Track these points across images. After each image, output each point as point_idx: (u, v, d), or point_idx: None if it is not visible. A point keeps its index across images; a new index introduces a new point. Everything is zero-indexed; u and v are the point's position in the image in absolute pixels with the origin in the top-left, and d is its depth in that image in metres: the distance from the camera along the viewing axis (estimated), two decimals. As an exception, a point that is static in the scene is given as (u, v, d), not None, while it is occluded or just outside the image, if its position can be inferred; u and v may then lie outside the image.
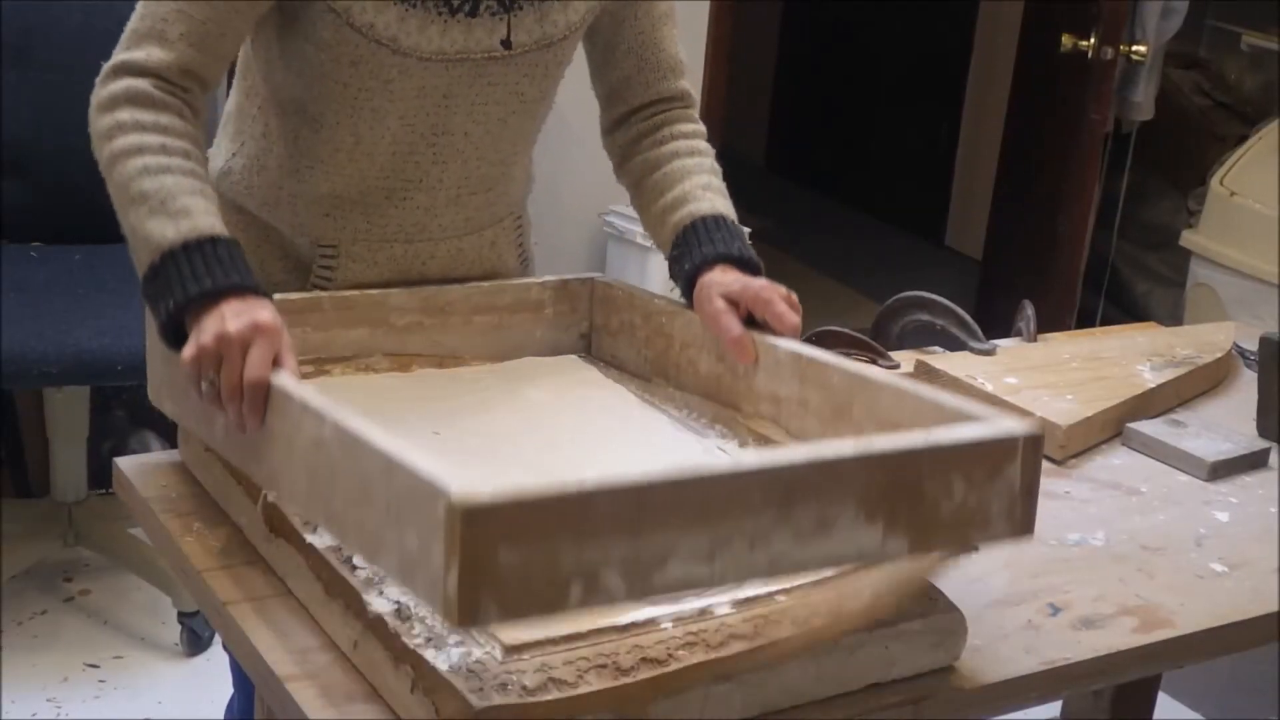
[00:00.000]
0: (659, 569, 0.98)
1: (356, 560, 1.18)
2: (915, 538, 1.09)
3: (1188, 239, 3.93)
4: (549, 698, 1.05)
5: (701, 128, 1.70)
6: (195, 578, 1.29)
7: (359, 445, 1.05)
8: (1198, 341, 2.04)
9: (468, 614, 0.93)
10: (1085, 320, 4.19)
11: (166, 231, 1.31)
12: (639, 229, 3.63)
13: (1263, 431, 1.80)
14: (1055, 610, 1.37)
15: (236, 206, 1.62)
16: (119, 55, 1.42)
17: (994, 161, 4.46)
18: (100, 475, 2.91)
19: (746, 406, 1.47)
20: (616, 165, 1.71)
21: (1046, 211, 3.92)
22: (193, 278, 1.28)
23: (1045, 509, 1.56)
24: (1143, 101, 4.19)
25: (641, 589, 0.98)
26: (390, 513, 1.01)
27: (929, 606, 1.23)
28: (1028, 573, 1.43)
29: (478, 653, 1.07)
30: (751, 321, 1.47)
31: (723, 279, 1.50)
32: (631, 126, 1.68)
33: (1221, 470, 1.69)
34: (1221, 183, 3.87)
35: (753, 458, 1.04)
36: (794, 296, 1.49)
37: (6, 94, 2.81)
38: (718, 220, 1.57)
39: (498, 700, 1.03)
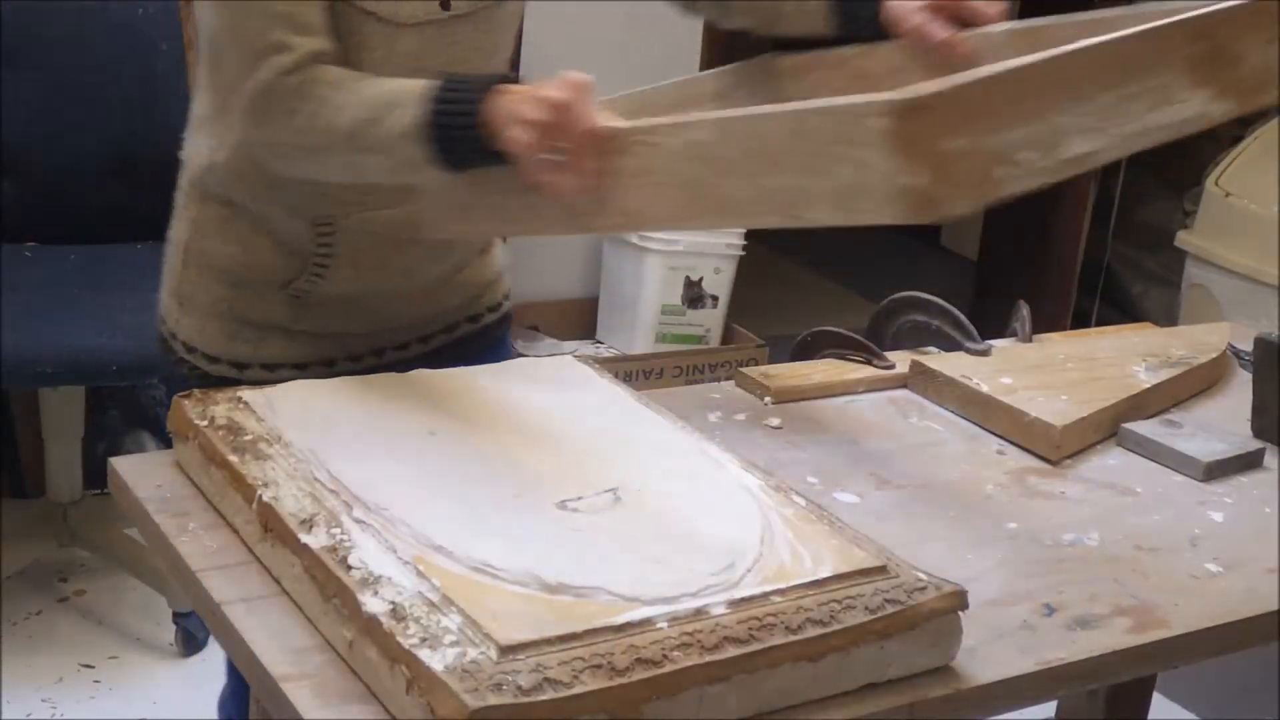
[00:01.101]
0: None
1: (351, 560, 1.18)
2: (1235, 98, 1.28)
3: (1183, 239, 3.93)
4: (544, 698, 1.05)
5: None
6: (190, 578, 1.29)
7: (750, 122, 1.21)
8: (1193, 342, 2.04)
9: (927, 206, 1.11)
10: (1081, 321, 4.20)
11: (404, 117, 1.38)
12: (634, 231, 3.64)
13: (1258, 432, 1.81)
14: (1050, 610, 1.37)
15: (224, 200, 1.62)
16: (276, 58, 1.44)
17: (990, 162, 4.46)
18: (95, 475, 2.90)
19: None
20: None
21: (1042, 212, 3.92)
22: (464, 100, 1.36)
23: (1040, 509, 1.57)
24: (1138, 102, 4.18)
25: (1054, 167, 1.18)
26: (813, 158, 1.16)
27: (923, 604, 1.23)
28: (1023, 573, 1.43)
29: (473, 653, 1.07)
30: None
31: (904, 5, 1.55)
32: None
33: (1216, 471, 1.69)
34: (1217, 183, 3.87)
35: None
36: None
37: (2, 94, 2.80)
38: None
39: (493, 700, 1.03)
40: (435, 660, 1.07)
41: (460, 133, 1.37)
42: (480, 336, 1.79)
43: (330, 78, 1.44)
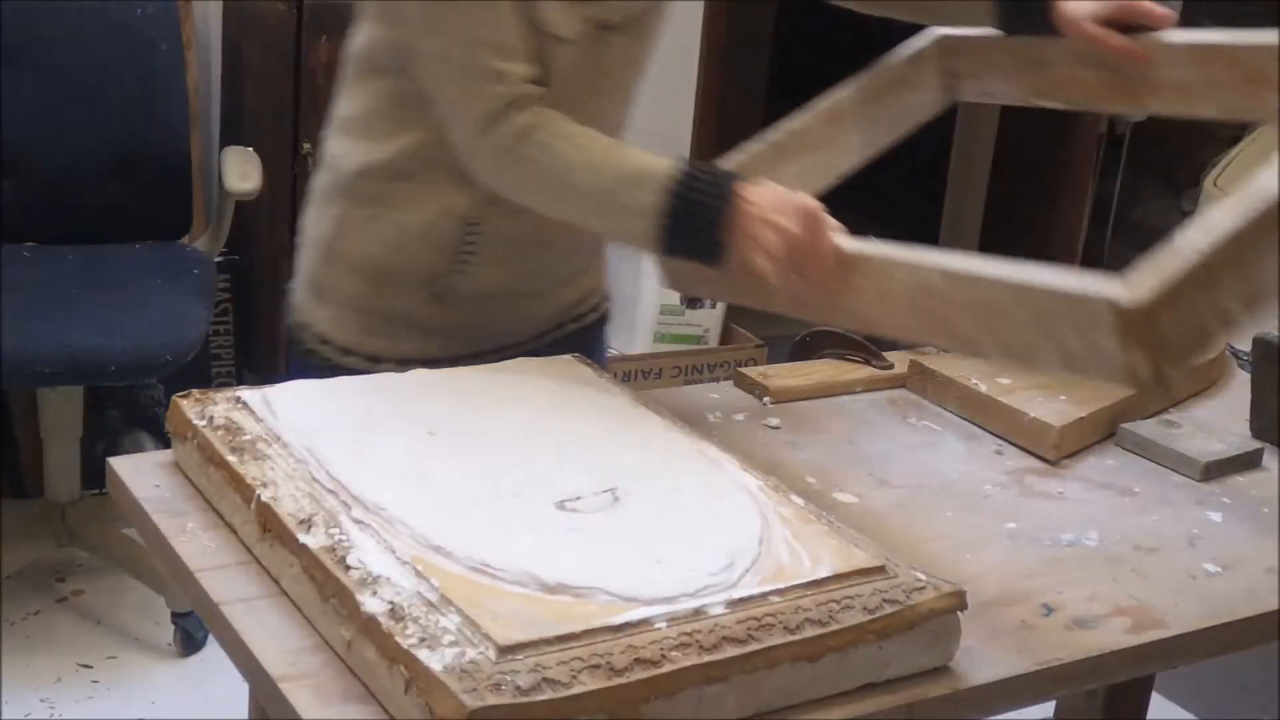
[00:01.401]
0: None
1: (350, 560, 1.18)
2: None
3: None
4: (543, 698, 1.05)
5: None
6: (188, 578, 1.29)
7: (979, 281, 1.34)
8: (1191, 342, 2.03)
9: (1154, 382, 1.24)
10: (1079, 321, 4.19)
11: (647, 198, 1.47)
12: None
13: (1256, 432, 1.81)
14: (1049, 610, 1.37)
15: (373, 200, 1.65)
16: (499, 88, 1.50)
17: (988, 161, 4.46)
18: (93, 475, 2.90)
19: (1151, 102, 1.65)
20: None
21: (1040, 212, 3.92)
22: (706, 200, 1.46)
23: (1038, 509, 1.57)
24: (1137, 102, 4.18)
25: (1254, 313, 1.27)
26: (1037, 321, 1.30)
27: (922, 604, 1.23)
28: (1021, 573, 1.43)
29: (471, 653, 1.07)
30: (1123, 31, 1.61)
31: (1078, 6, 1.63)
32: None
33: (1215, 471, 1.69)
34: (1215, 184, 3.87)
35: None
36: None
37: (2, 94, 2.80)
38: None
39: (492, 700, 1.03)
40: (434, 660, 1.07)
41: (695, 232, 1.47)
42: (581, 334, 1.82)
43: (561, 130, 1.51)
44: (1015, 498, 1.60)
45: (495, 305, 1.70)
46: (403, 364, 1.63)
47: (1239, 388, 1.94)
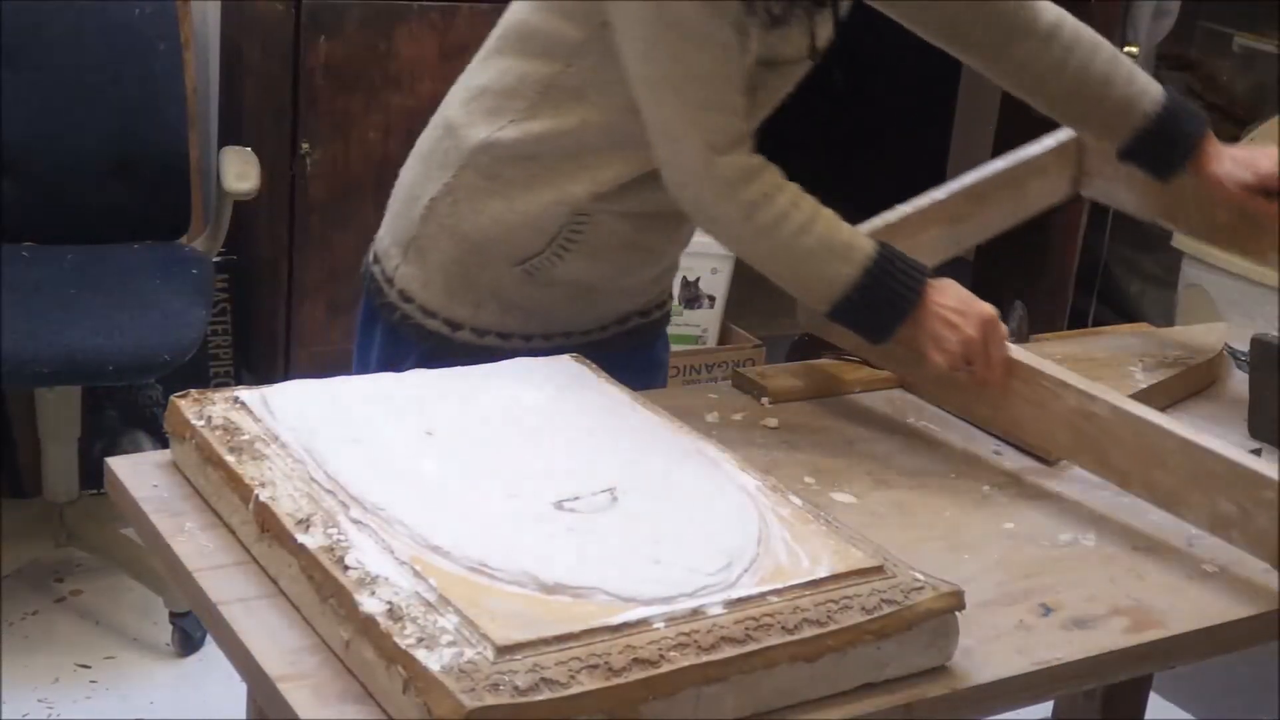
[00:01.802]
0: None
1: (348, 560, 1.18)
2: None
3: (1180, 240, 3.93)
4: (541, 698, 1.05)
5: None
6: (187, 578, 1.29)
7: (1147, 425, 1.49)
8: (1189, 342, 2.04)
9: None
10: (1077, 321, 4.20)
11: (842, 269, 1.57)
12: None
13: (1254, 432, 1.81)
14: (1047, 611, 1.37)
15: (490, 175, 1.67)
16: (707, 135, 1.56)
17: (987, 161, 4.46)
18: (92, 475, 2.90)
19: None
20: (990, 63, 1.85)
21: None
22: (898, 288, 1.58)
23: (1036, 509, 1.57)
24: (1135, 103, 4.18)
25: None
26: (1195, 479, 1.45)
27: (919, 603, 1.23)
28: (1019, 573, 1.43)
29: (469, 653, 1.07)
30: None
31: (1228, 162, 1.80)
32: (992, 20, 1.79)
33: (1213, 471, 1.69)
34: (1213, 184, 3.87)
35: None
36: None
37: (1, 94, 2.80)
38: (1170, 94, 1.82)
39: (490, 700, 1.03)
40: (432, 660, 1.07)
41: (876, 314, 1.60)
42: (645, 329, 1.87)
43: (779, 182, 1.60)
44: (1013, 498, 1.60)
45: (579, 294, 1.74)
46: (481, 333, 1.70)
47: (1237, 388, 1.94)
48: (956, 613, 1.24)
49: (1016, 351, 1.60)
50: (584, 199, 1.66)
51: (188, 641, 2.75)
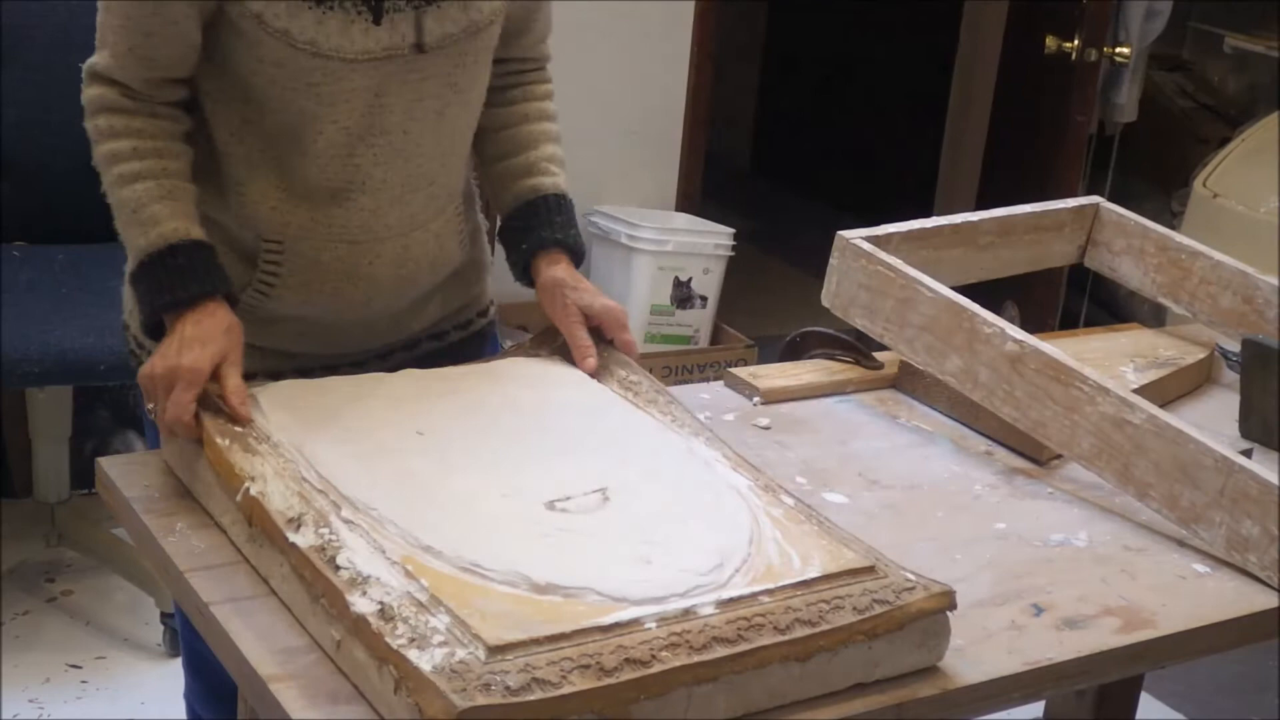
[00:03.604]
0: None
1: (339, 560, 1.18)
2: None
3: (1171, 241, 3.93)
4: (532, 698, 1.05)
5: (550, 88, 1.74)
6: (178, 578, 1.29)
7: (1182, 436, 1.50)
8: (1180, 343, 2.04)
9: None
10: (1069, 321, 4.20)
11: (138, 241, 1.49)
12: (623, 229, 3.64)
13: (1245, 433, 1.81)
14: (1038, 611, 1.37)
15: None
16: (91, 59, 1.54)
17: (978, 162, 4.47)
18: (83, 475, 2.90)
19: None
20: None
21: (1030, 213, 3.93)
22: (160, 288, 1.47)
23: (1028, 509, 1.57)
24: (1126, 103, 4.20)
25: None
26: (1223, 498, 1.47)
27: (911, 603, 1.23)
28: (1011, 573, 1.43)
29: (461, 653, 1.07)
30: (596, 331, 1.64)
31: (573, 285, 1.65)
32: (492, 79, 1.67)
33: (1204, 471, 1.69)
34: (1205, 184, 3.88)
35: None
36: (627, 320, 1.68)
37: (1, 93, 2.80)
38: (560, 201, 1.69)
39: (481, 700, 1.03)
40: (423, 660, 1.06)
41: (147, 296, 1.49)
42: (471, 341, 1.78)
43: (134, 142, 1.52)
44: (1005, 498, 1.60)
45: (314, 331, 1.63)
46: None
47: (1227, 388, 1.94)
48: (948, 613, 1.24)
49: (1055, 352, 1.60)
50: (265, 220, 1.56)
51: (179, 641, 2.74)
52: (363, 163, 1.54)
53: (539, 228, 1.67)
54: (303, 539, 1.21)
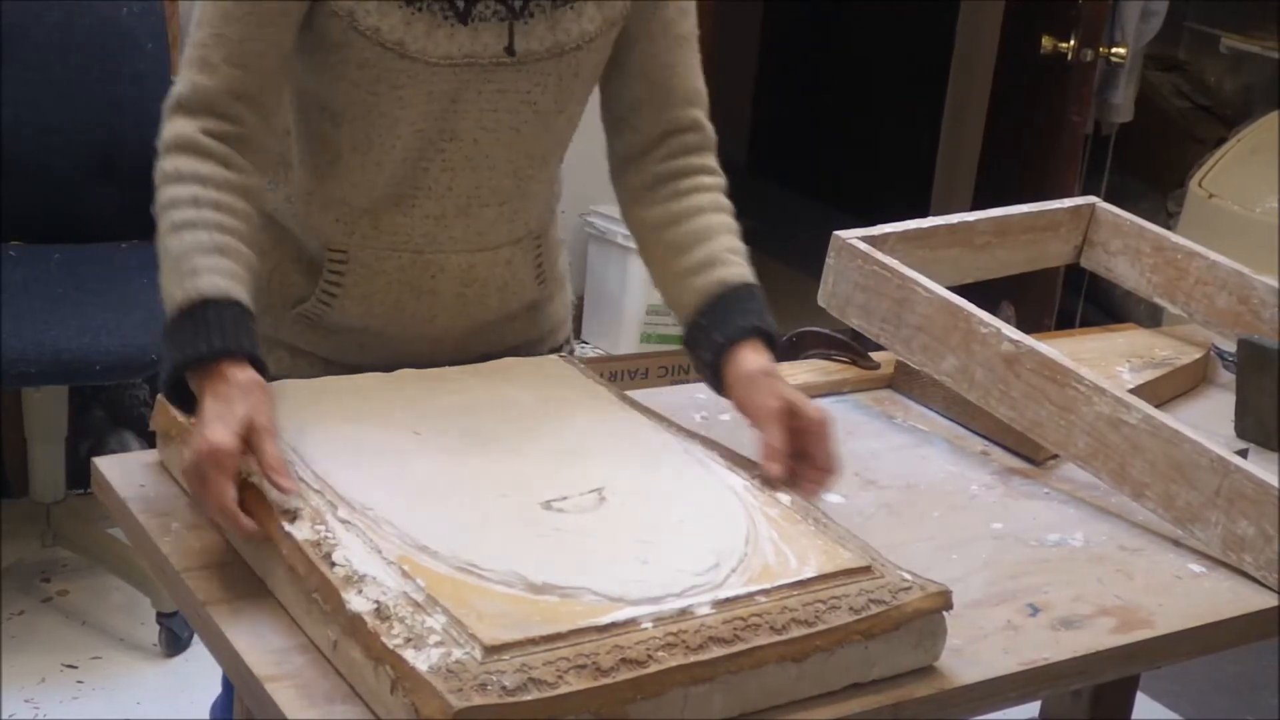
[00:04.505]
0: None
1: (335, 558, 1.18)
2: None
3: (1167, 241, 3.94)
4: (529, 698, 1.05)
5: (722, 179, 1.62)
6: (174, 578, 1.29)
7: (1178, 436, 1.50)
8: (1177, 343, 2.04)
9: None
10: (1065, 321, 4.20)
11: (174, 293, 1.35)
12: (620, 229, 3.63)
13: (1240, 433, 1.81)
14: (1034, 611, 1.37)
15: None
16: (172, 91, 1.44)
17: (974, 163, 4.47)
18: (79, 475, 2.89)
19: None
20: (627, 208, 1.64)
21: (1026, 213, 3.93)
22: (182, 343, 1.32)
23: (1024, 509, 1.57)
24: (1122, 103, 4.20)
25: None
26: (1219, 498, 1.47)
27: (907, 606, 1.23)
28: (1007, 573, 1.43)
29: (457, 653, 1.07)
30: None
31: (782, 378, 1.45)
32: (645, 170, 1.60)
33: (1200, 471, 1.69)
34: (1200, 185, 3.88)
35: None
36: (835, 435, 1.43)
37: (2, 93, 2.79)
38: (751, 290, 1.53)
39: (478, 700, 1.03)
40: (420, 660, 1.06)
41: (170, 352, 1.34)
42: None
43: (195, 189, 1.39)
44: (1001, 498, 1.60)
45: (376, 343, 1.60)
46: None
47: (1223, 388, 1.94)
48: (944, 612, 1.24)
49: (1051, 352, 1.60)
50: (330, 230, 1.56)
51: (175, 641, 2.74)
52: (430, 167, 1.52)
53: (734, 318, 1.50)
54: (298, 531, 1.21)
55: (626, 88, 1.59)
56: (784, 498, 1.37)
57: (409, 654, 1.07)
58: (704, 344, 1.51)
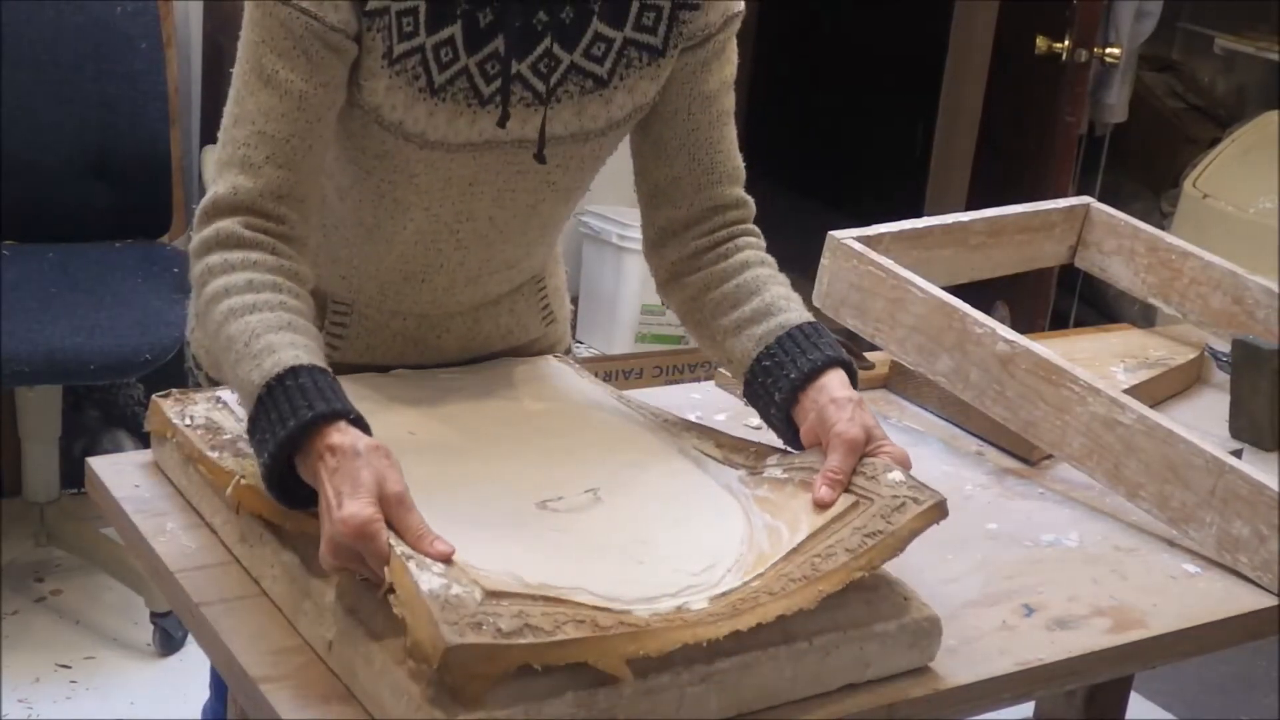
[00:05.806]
0: None
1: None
2: None
3: (1161, 241, 3.94)
4: (524, 641, 1.04)
5: (763, 241, 1.56)
6: (168, 578, 1.29)
7: (1172, 436, 1.50)
8: (1171, 343, 2.05)
9: None
10: (1059, 321, 4.21)
11: (251, 375, 1.23)
12: (614, 229, 3.64)
13: (1235, 433, 1.81)
14: (1029, 611, 1.37)
15: None
16: (209, 193, 1.37)
17: (969, 163, 4.47)
18: (72, 475, 2.89)
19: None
20: (665, 282, 1.56)
21: (1021, 213, 3.93)
22: (281, 420, 1.19)
23: (1019, 510, 1.57)
24: (1116, 104, 4.20)
25: None
26: (1214, 498, 1.47)
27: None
28: (1002, 574, 1.43)
29: (458, 589, 1.06)
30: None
31: (861, 411, 1.35)
32: (686, 244, 1.52)
33: (1194, 471, 1.69)
34: (1194, 185, 3.89)
35: None
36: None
37: (2, 93, 2.79)
38: (815, 328, 1.43)
39: (471, 639, 1.02)
40: (422, 580, 1.06)
41: (263, 436, 1.22)
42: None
43: (237, 278, 1.31)
44: (996, 498, 1.60)
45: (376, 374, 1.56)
46: None
47: (1218, 389, 1.94)
48: (939, 615, 1.24)
49: (1045, 352, 1.59)
50: (336, 285, 1.54)
51: (169, 641, 2.74)
52: (444, 247, 1.49)
53: (806, 351, 1.40)
54: (293, 526, 1.21)
55: (666, 163, 1.51)
56: (774, 468, 1.35)
57: (413, 567, 1.06)
58: (774, 388, 1.40)
